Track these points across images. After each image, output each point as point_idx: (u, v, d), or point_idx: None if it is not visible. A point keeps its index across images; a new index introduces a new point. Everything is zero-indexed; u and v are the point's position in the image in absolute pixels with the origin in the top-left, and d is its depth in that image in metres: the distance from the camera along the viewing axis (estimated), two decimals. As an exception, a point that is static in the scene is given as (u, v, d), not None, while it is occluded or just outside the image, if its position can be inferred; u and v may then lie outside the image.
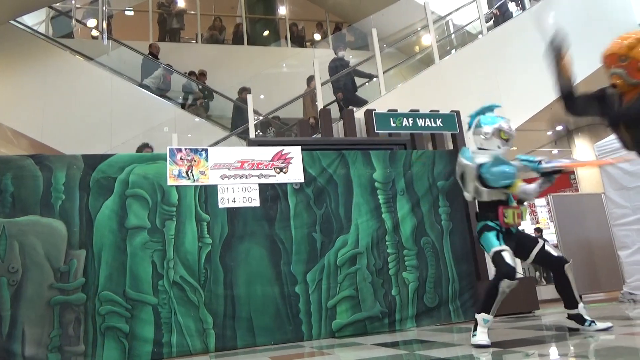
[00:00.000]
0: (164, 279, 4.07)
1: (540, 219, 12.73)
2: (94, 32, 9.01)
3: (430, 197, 4.98)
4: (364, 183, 4.81)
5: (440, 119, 5.93)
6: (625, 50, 2.57)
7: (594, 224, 6.85)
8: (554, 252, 3.41)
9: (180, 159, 4.46)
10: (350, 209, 4.70)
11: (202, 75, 8.82)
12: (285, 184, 4.62)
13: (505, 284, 3.07)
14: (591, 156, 6.48)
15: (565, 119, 9.97)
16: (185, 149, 4.55)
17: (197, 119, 7.76)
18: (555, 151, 11.81)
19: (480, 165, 3.27)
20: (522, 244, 3.37)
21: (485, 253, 5.51)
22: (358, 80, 7.63)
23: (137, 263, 4.05)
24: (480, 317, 3.07)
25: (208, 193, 4.40)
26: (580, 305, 3.31)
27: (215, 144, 6.10)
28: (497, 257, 3.17)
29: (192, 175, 4.44)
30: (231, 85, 8.17)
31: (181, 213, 4.27)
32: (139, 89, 7.27)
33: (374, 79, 7.35)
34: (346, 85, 7.38)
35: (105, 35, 8.31)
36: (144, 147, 6.10)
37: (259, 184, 4.56)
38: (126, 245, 4.07)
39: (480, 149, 3.42)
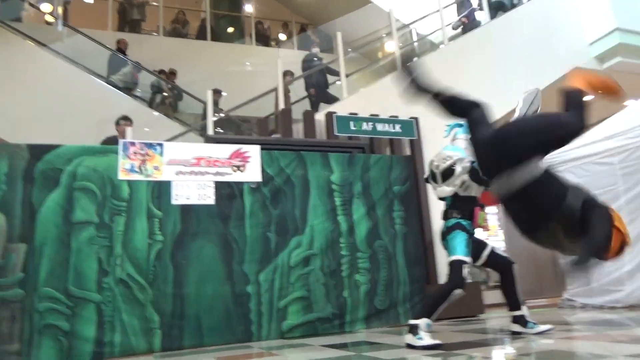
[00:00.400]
0: (109, 276, 3.93)
1: (490, 226, 13.14)
2: (49, 18, 8.62)
3: (386, 201, 5.04)
4: (321, 185, 4.82)
5: (400, 125, 6.02)
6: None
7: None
8: (502, 255, 3.53)
9: (134, 153, 4.33)
10: (307, 210, 4.70)
11: (172, 74, 8.62)
12: (242, 183, 4.56)
13: (457, 292, 3.15)
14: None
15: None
16: (139, 143, 4.42)
17: (155, 113, 7.57)
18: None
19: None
20: (475, 247, 3.46)
21: (438, 257, 5.67)
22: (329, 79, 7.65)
23: (81, 259, 3.90)
24: (424, 321, 3.08)
25: (161, 189, 4.29)
26: (524, 307, 3.42)
27: (174, 140, 5.96)
28: (458, 267, 3.22)
29: (145, 170, 4.32)
30: (192, 81, 8.01)
31: (132, 208, 4.14)
32: (94, 79, 7.00)
33: (337, 82, 7.39)
34: (318, 82, 7.41)
35: (60, 22, 7.96)
36: (123, 119, 5.84)
37: (215, 182, 4.49)
38: (71, 240, 3.91)
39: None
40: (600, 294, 5.21)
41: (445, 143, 4.00)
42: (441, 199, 3.61)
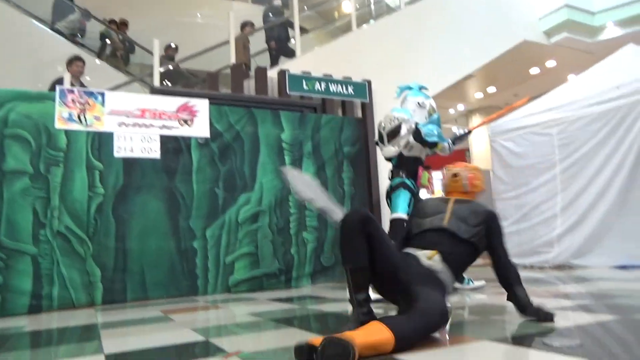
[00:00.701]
0: (46, 228, 3.76)
1: (436, 190, 13.63)
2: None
3: (336, 161, 5.08)
4: (271, 143, 4.77)
5: (352, 87, 6.01)
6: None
7: (481, 198, 7.45)
8: None
9: (72, 100, 4.08)
10: (256, 167, 4.66)
11: (124, 24, 8.04)
12: (190, 138, 4.43)
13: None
14: (486, 135, 6.98)
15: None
16: (78, 91, 4.17)
17: (97, 61, 7.12)
18: (454, 128, 12.60)
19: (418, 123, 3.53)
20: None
21: (384, 218, 5.82)
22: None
23: (15, 210, 3.69)
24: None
25: (102, 140, 4.09)
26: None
27: (118, 90, 5.65)
28: (399, 224, 3.32)
29: (85, 119, 4.09)
30: (140, 30, 7.56)
31: (70, 159, 3.94)
32: (28, 19, 6.46)
33: (292, 40, 7.23)
34: (280, 35, 7.21)
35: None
36: (77, 59, 5.46)
37: (161, 135, 4.33)
38: (3, 190, 3.68)
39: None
40: (531, 254, 5.56)
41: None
42: (387, 159, 3.69)
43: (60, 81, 5.27)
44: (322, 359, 1.40)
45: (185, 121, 4.48)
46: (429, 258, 2.05)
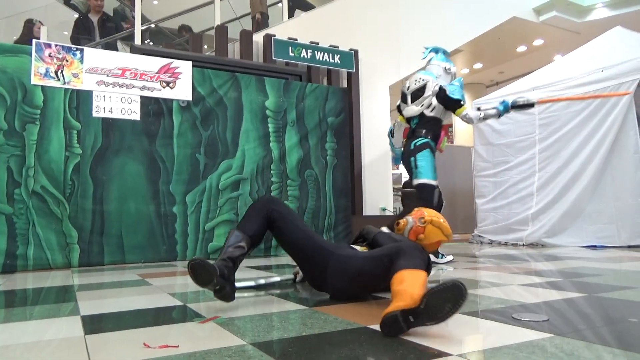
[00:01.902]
0: (21, 187, 3.69)
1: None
2: None
3: (319, 131, 5.05)
4: (255, 109, 4.71)
5: (339, 56, 5.93)
6: None
7: (461, 174, 7.57)
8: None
9: (49, 55, 3.94)
10: (239, 134, 4.61)
11: None
12: (171, 100, 4.35)
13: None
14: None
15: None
16: (56, 46, 4.02)
17: (75, 15, 6.85)
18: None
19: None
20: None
21: (365, 189, 5.86)
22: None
23: (-12, 167, 3.60)
24: None
25: (80, 99, 3.98)
26: None
27: (96, 46, 5.47)
28: (431, 192, 3.54)
29: (63, 76, 3.96)
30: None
31: (47, 117, 3.83)
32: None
33: (279, 4, 7.04)
34: None
35: None
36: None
37: (141, 96, 4.23)
38: (-25, 146, 3.58)
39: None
40: (506, 232, 5.70)
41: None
42: (408, 120, 3.78)
43: (84, 18, 5.16)
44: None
45: (168, 83, 4.37)
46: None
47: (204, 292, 2.53)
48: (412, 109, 3.74)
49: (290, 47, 5.60)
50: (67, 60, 3.99)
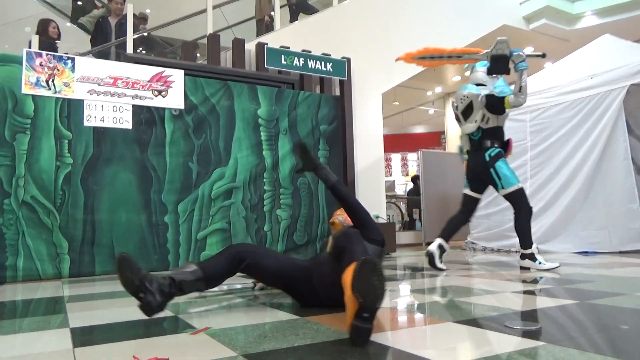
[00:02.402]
0: (11, 197, 3.65)
1: (410, 172, 13.79)
2: None
3: (312, 139, 5.06)
4: (247, 118, 4.71)
5: (331, 64, 5.95)
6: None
7: (454, 180, 7.57)
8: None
9: (40, 65, 3.93)
10: (231, 142, 4.60)
11: None
12: (164, 109, 4.34)
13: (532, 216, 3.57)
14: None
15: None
16: (47, 55, 4.01)
17: (68, 23, 6.84)
18: (431, 111, 12.68)
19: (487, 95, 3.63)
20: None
21: (358, 197, 5.86)
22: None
23: (-22, 177, 3.57)
24: (533, 249, 3.55)
25: (72, 108, 3.96)
26: (534, 246, 3.63)
27: (88, 55, 5.45)
28: (522, 194, 3.60)
29: (54, 85, 3.95)
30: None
31: (37, 127, 3.81)
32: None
33: (272, 12, 7.07)
34: None
35: None
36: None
37: (133, 105, 4.22)
38: (-36, 156, 3.54)
39: (478, 84, 3.73)
40: (498, 238, 5.72)
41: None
42: (469, 136, 3.79)
43: (105, 19, 5.40)
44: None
45: (160, 92, 4.37)
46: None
47: (195, 302, 2.52)
48: (468, 127, 3.73)
49: (282, 56, 5.61)
50: (58, 69, 3.97)
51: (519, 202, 3.61)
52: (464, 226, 3.98)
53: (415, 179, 10.09)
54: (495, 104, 3.59)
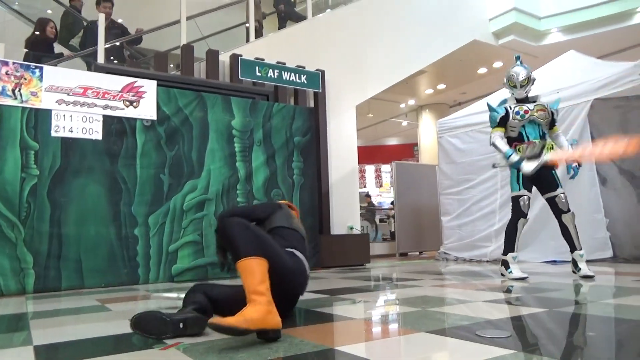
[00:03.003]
0: (-28, 210, 3.51)
1: (384, 183, 13.91)
2: None
3: (286, 151, 5.05)
4: (221, 129, 4.68)
5: (305, 76, 5.98)
6: None
7: (427, 192, 7.68)
8: (562, 204, 3.72)
9: (6, 73, 3.82)
10: (204, 153, 4.55)
11: None
12: (135, 119, 4.26)
13: (521, 223, 3.72)
14: (434, 130, 7.20)
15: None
16: (14, 63, 3.90)
17: (36, 32, 6.66)
18: (404, 123, 12.86)
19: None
20: (545, 181, 3.75)
21: (332, 208, 5.88)
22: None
23: (-63, 189, 3.42)
24: (510, 256, 3.70)
25: (39, 118, 3.86)
26: (577, 252, 3.66)
27: (57, 64, 5.32)
28: (514, 201, 3.76)
29: (20, 94, 3.84)
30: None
31: (2, 137, 3.70)
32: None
33: (246, 25, 7.08)
34: None
35: None
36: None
37: (104, 115, 4.14)
38: None
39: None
40: (470, 248, 5.81)
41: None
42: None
43: (94, 23, 5.42)
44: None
45: (131, 102, 4.30)
46: None
47: (166, 316, 2.45)
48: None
49: (257, 67, 5.62)
50: (25, 79, 3.87)
51: (512, 207, 3.80)
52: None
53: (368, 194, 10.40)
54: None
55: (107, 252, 3.96)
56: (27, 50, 5.49)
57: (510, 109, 3.82)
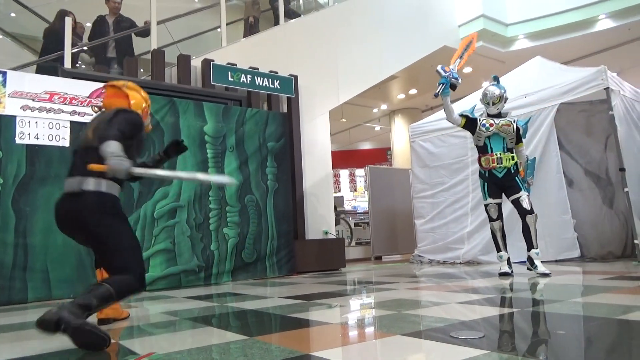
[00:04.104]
0: None
1: (358, 187, 13.98)
2: None
3: (259, 156, 5.02)
4: (193, 134, 4.62)
5: (278, 81, 5.97)
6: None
7: (400, 195, 7.76)
8: (525, 204, 3.96)
9: (-33, 79, 3.68)
10: (175, 160, 4.48)
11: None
12: (104, 126, 4.16)
13: (495, 225, 4.08)
14: (406, 135, 7.28)
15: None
16: (-25, 69, 3.76)
17: (56, 23, 6.43)
18: (377, 127, 12.97)
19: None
20: (510, 187, 4.04)
21: (306, 213, 5.88)
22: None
23: None
24: (497, 255, 4.07)
25: (2, 124, 3.73)
26: (533, 250, 3.93)
27: (21, 69, 5.16)
28: (485, 209, 4.16)
29: (-18, 100, 3.70)
30: (48, 2, 6.95)
31: (-37, 144, 3.55)
32: None
33: (218, 29, 7.03)
34: None
35: None
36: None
37: (71, 122, 4.03)
38: None
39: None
40: (444, 251, 5.88)
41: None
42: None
43: (102, 18, 5.62)
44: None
45: (100, 108, 4.18)
46: None
47: (138, 327, 2.40)
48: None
49: (229, 72, 5.57)
50: (-13, 84, 3.74)
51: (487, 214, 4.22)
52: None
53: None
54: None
55: (75, 262, 3.84)
56: (44, 40, 5.63)
57: (479, 120, 4.14)
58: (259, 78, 5.79)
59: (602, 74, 4.77)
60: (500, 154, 4.01)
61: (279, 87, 5.95)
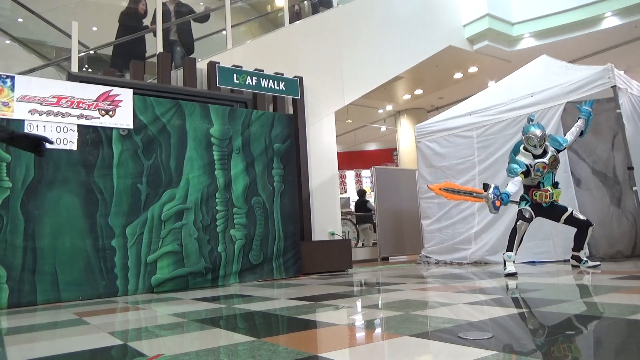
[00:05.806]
0: (-59, 224, 3.39)
1: (364, 188, 13.97)
2: None
3: (266, 158, 5.03)
4: (199, 137, 4.64)
5: (284, 83, 5.98)
6: None
7: (407, 196, 7.74)
8: (581, 216, 4.19)
9: (-25, 84, 3.72)
10: (182, 162, 4.51)
11: None
12: (111, 129, 4.20)
13: (521, 225, 4.16)
14: (412, 135, 7.27)
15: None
16: (-16, 73, 3.80)
17: (7, 40, 6.53)
18: (383, 128, 12.96)
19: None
20: (553, 212, 4.22)
21: (313, 214, 5.87)
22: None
23: None
24: (506, 255, 4.10)
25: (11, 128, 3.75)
26: (582, 251, 4.21)
27: (29, 73, 5.20)
28: (520, 211, 4.27)
29: (-9, 105, 3.74)
30: (55, 7, 7.01)
31: (-28, 148, 3.59)
32: None
33: (222, 32, 7.05)
34: None
35: None
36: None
37: (78, 125, 4.06)
38: None
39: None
40: (450, 251, 5.86)
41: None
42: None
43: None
44: None
45: (107, 111, 4.23)
46: None
47: (146, 329, 2.41)
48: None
49: (234, 75, 5.59)
50: (-5, 89, 3.77)
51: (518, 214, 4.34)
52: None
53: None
54: None
55: (83, 265, 3.87)
56: (120, 24, 5.97)
57: (531, 167, 4.22)
58: (264, 80, 5.81)
59: (609, 72, 4.73)
60: (552, 189, 4.19)
61: (284, 88, 5.96)
